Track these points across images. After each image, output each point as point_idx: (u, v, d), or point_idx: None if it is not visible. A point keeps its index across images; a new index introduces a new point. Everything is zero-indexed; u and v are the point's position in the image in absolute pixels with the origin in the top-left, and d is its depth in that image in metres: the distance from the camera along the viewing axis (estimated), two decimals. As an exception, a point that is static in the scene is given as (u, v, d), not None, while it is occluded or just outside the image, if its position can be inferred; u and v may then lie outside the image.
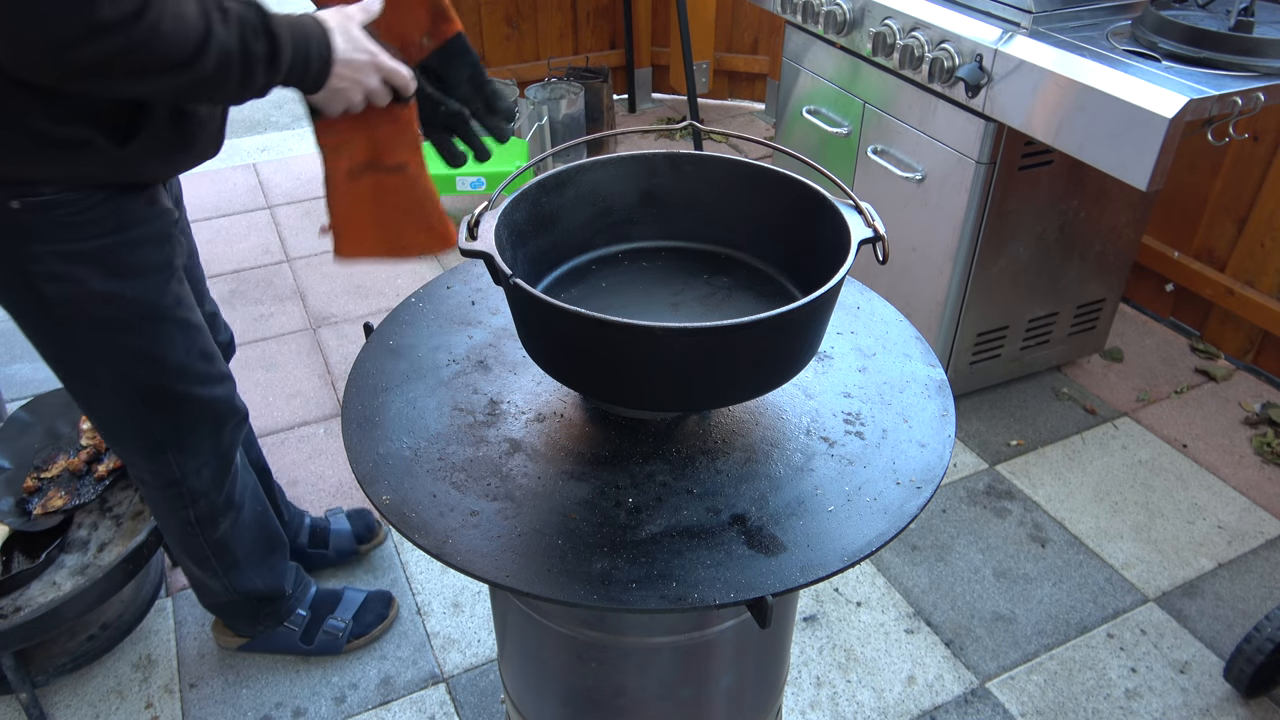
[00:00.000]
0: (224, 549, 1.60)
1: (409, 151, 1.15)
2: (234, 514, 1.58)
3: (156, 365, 1.34)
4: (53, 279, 1.19)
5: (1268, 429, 2.44)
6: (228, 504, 1.56)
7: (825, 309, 0.90)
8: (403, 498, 0.88)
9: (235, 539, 1.60)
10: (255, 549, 1.66)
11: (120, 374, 1.32)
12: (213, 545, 1.58)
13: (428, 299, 1.18)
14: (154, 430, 1.40)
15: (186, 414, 1.41)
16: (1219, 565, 2.06)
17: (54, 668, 1.72)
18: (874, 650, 1.87)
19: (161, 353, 1.33)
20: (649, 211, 1.11)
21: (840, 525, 0.86)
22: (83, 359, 1.30)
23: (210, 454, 1.48)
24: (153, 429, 1.40)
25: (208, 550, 1.58)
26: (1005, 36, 1.89)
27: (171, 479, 1.46)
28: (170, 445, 1.42)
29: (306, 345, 2.77)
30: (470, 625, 1.92)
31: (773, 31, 4.02)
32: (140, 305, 1.27)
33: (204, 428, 1.45)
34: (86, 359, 1.30)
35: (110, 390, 1.34)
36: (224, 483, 1.54)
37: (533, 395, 1.02)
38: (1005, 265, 2.24)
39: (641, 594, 0.79)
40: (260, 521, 1.66)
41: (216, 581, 1.64)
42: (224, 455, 1.51)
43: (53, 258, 1.17)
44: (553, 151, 1.01)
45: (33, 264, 1.17)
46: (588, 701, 1.14)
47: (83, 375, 1.33)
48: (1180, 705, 1.77)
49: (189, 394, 1.40)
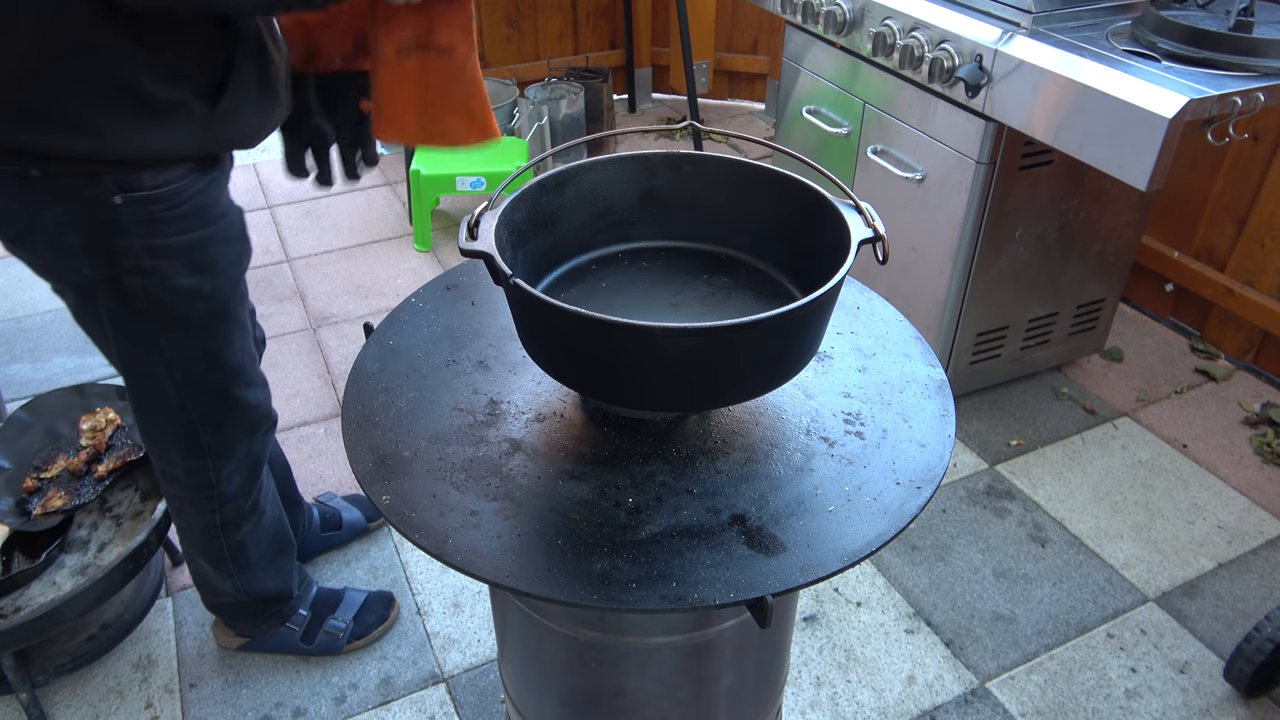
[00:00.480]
0: (241, 551, 1.61)
1: (460, 34, 1.12)
2: (256, 518, 1.60)
3: (217, 364, 1.37)
4: (140, 273, 1.21)
5: (1268, 429, 2.44)
6: (253, 509, 1.58)
7: (825, 309, 0.90)
8: (403, 498, 0.88)
9: (253, 542, 1.62)
10: (269, 551, 1.67)
11: (183, 371, 1.34)
12: (232, 547, 1.59)
13: (428, 299, 1.18)
14: (199, 431, 1.42)
15: (231, 416, 1.43)
16: (1219, 565, 2.06)
17: (54, 668, 1.72)
18: (874, 650, 1.87)
19: (222, 352, 1.36)
20: (649, 211, 1.11)
21: (840, 525, 0.86)
22: (151, 355, 1.32)
23: (244, 459, 1.50)
24: (198, 430, 1.41)
25: (226, 552, 1.59)
26: (1005, 36, 1.89)
27: (206, 482, 1.48)
28: (211, 448, 1.44)
29: (306, 345, 2.77)
30: (470, 625, 1.92)
31: (773, 31, 4.02)
32: (214, 302, 1.30)
33: (242, 432, 1.47)
34: (154, 355, 1.32)
35: (169, 388, 1.35)
36: (252, 488, 1.55)
37: (533, 395, 1.02)
38: (1005, 265, 2.24)
39: (641, 594, 0.79)
40: (276, 525, 1.68)
41: (229, 582, 1.64)
42: (255, 461, 1.53)
43: (143, 251, 1.20)
44: (553, 151, 1.01)
45: (123, 258, 1.20)
46: (588, 701, 1.14)
47: (146, 372, 1.34)
48: (1180, 705, 1.77)
49: (238, 396, 1.42)
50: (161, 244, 1.21)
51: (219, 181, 1.28)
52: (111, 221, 1.16)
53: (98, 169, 1.12)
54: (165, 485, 1.52)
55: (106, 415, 1.84)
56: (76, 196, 1.13)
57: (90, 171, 1.12)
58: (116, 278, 1.21)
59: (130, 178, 1.14)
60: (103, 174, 1.12)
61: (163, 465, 1.48)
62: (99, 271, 1.21)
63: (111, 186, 1.13)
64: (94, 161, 1.11)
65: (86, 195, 1.13)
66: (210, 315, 1.31)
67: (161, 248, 1.21)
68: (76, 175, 1.12)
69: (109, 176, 1.13)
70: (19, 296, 2.99)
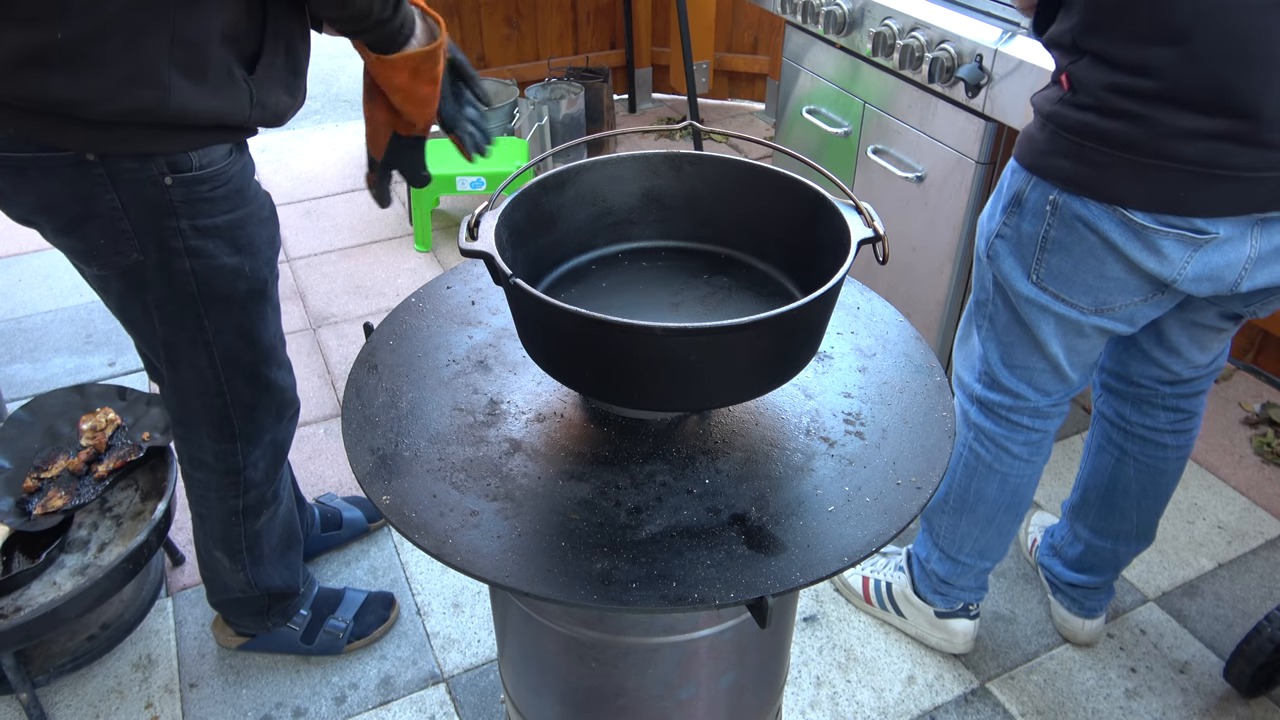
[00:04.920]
0: (257, 541, 1.62)
1: None
2: (275, 507, 1.62)
3: (253, 344, 1.41)
4: (189, 254, 1.26)
5: (1268, 429, 2.44)
6: (273, 496, 1.61)
7: (825, 309, 0.90)
8: (403, 498, 0.88)
9: (268, 532, 1.63)
10: (280, 544, 1.69)
11: (223, 352, 1.38)
12: (249, 537, 1.61)
13: (428, 299, 1.18)
14: (231, 413, 1.44)
15: (262, 398, 1.47)
16: (1219, 565, 2.06)
17: (54, 668, 1.72)
18: (874, 650, 1.87)
19: (259, 331, 1.41)
20: (649, 211, 1.11)
21: (840, 525, 0.86)
22: (194, 338, 1.35)
23: (269, 445, 1.53)
24: (231, 412, 1.44)
25: (243, 542, 1.61)
26: (1005, 36, 1.89)
27: (235, 466, 1.50)
28: (241, 432, 1.47)
29: (306, 345, 2.77)
30: (470, 625, 1.92)
31: (773, 31, 4.02)
32: (255, 281, 1.35)
33: (271, 416, 1.50)
34: (198, 337, 1.35)
35: (208, 370, 1.38)
36: (276, 474, 1.59)
37: (533, 395, 1.02)
38: (1005, 265, 2.24)
39: (641, 594, 0.79)
40: (289, 517, 1.70)
41: (241, 575, 1.65)
42: (280, 447, 1.57)
43: (192, 232, 1.25)
44: (553, 151, 1.01)
45: (173, 239, 1.24)
46: (588, 701, 1.14)
47: (188, 356, 1.37)
48: (1180, 705, 1.77)
49: (269, 378, 1.46)
50: (208, 224, 1.26)
51: (250, 165, 1.34)
52: (162, 203, 1.21)
53: (150, 148, 1.16)
54: (191, 471, 1.54)
55: (106, 415, 1.84)
56: (130, 179, 1.18)
57: (143, 154, 1.17)
58: (166, 260, 1.25)
59: (179, 158, 1.19)
60: (155, 155, 1.17)
61: (191, 450, 1.50)
62: (149, 254, 1.24)
63: (163, 167, 1.18)
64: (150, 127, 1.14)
65: (140, 177, 1.18)
66: (250, 294, 1.36)
67: (208, 228, 1.26)
68: (130, 158, 1.17)
69: (160, 158, 1.18)
70: (19, 296, 2.99)
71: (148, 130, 1.15)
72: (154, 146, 1.16)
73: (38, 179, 1.17)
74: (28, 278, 3.08)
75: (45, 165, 1.15)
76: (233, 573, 1.65)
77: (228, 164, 1.26)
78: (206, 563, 1.67)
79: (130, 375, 2.64)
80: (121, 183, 1.18)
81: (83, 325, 2.84)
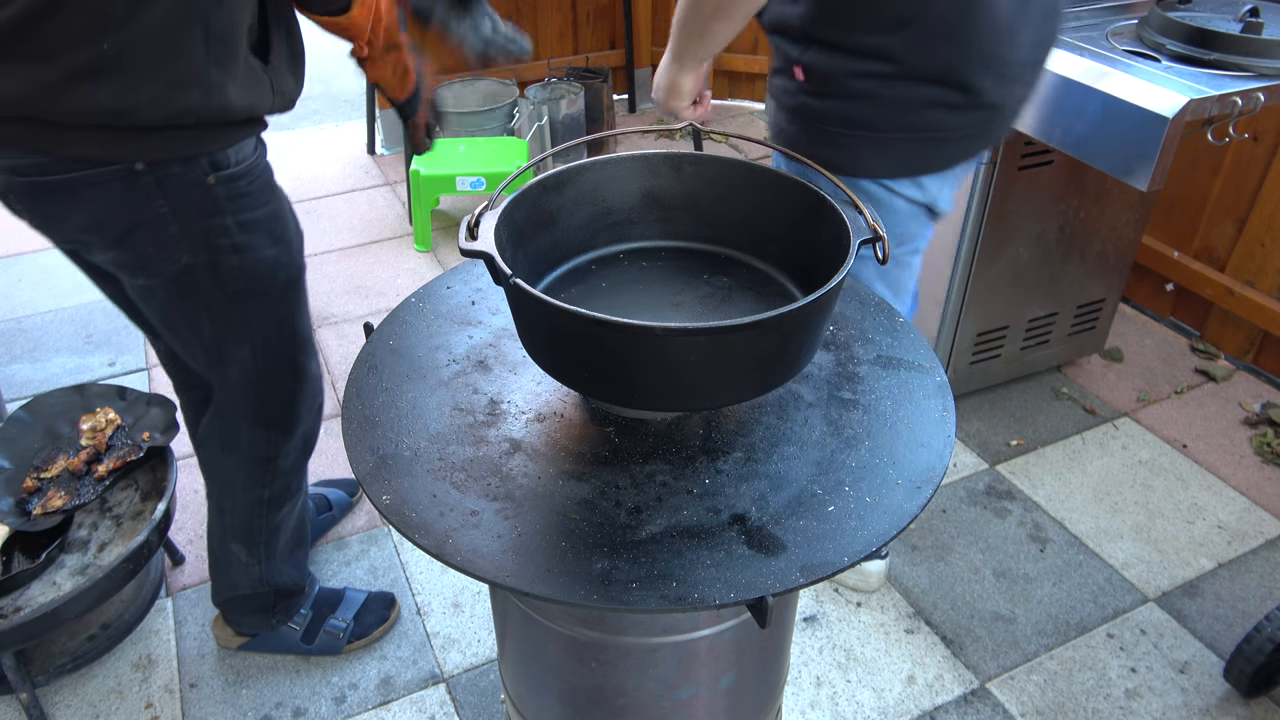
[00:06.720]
0: (275, 534, 1.64)
1: None
2: (295, 500, 1.64)
3: (291, 333, 1.44)
4: (235, 250, 1.29)
5: (1268, 429, 2.44)
6: (297, 488, 1.63)
7: (825, 309, 0.90)
8: (403, 498, 0.88)
9: (284, 525, 1.65)
10: (292, 540, 1.70)
11: (264, 343, 1.40)
12: (268, 529, 1.62)
13: (428, 299, 1.18)
14: (270, 401, 1.47)
15: (299, 386, 1.49)
16: (1219, 565, 2.06)
17: (54, 668, 1.72)
18: (874, 650, 1.87)
19: (297, 320, 1.44)
20: (649, 211, 1.11)
21: (840, 525, 0.86)
22: (241, 333, 1.37)
23: (300, 435, 1.55)
24: (269, 400, 1.47)
25: (262, 535, 1.62)
26: (1005, 36, 1.89)
27: (268, 454, 1.52)
28: (276, 421, 1.50)
29: (306, 345, 2.77)
30: (470, 625, 1.92)
31: (773, 31, 4.01)
32: (292, 269, 1.39)
33: (305, 406, 1.52)
34: (244, 332, 1.37)
35: (252, 363, 1.40)
36: (303, 465, 1.61)
37: (533, 395, 1.02)
38: (1005, 265, 2.24)
39: (641, 594, 0.79)
40: (303, 514, 1.72)
41: (256, 569, 1.66)
42: (309, 438, 1.59)
43: (236, 228, 1.27)
44: (553, 151, 1.01)
45: (219, 237, 1.26)
46: (588, 701, 1.14)
47: (234, 353, 1.39)
48: (1180, 705, 1.77)
49: (305, 366, 1.49)
50: (250, 218, 1.29)
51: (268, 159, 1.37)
52: (208, 203, 1.23)
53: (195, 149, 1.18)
54: (223, 460, 1.55)
55: (106, 415, 1.84)
56: (178, 183, 1.20)
57: (189, 156, 1.19)
58: (214, 260, 1.27)
59: (219, 155, 1.22)
60: (199, 156, 1.19)
61: (226, 435, 1.52)
62: (198, 256, 1.26)
63: (207, 167, 1.21)
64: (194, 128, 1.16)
65: (186, 180, 1.20)
66: (289, 284, 1.39)
67: (250, 221, 1.29)
68: (177, 162, 1.19)
69: (204, 157, 1.20)
70: (19, 296, 2.99)
71: (192, 131, 1.16)
72: (198, 147, 1.18)
73: (89, 196, 1.17)
74: (28, 278, 3.08)
75: (95, 181, 1.16)
76: (248, 567, 1.65)
77: (257, 157, 1.30)
78: (220, 558, 1.68)
79: (130, 375, 2.64)
80: (170, 188, 1.19)
81: (83, 325, 2.84)
